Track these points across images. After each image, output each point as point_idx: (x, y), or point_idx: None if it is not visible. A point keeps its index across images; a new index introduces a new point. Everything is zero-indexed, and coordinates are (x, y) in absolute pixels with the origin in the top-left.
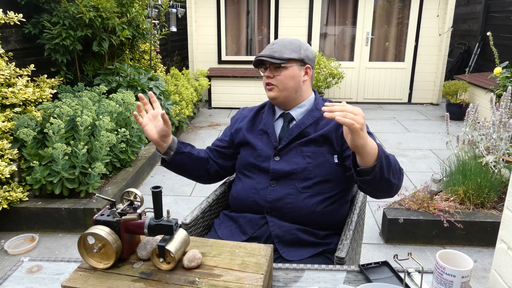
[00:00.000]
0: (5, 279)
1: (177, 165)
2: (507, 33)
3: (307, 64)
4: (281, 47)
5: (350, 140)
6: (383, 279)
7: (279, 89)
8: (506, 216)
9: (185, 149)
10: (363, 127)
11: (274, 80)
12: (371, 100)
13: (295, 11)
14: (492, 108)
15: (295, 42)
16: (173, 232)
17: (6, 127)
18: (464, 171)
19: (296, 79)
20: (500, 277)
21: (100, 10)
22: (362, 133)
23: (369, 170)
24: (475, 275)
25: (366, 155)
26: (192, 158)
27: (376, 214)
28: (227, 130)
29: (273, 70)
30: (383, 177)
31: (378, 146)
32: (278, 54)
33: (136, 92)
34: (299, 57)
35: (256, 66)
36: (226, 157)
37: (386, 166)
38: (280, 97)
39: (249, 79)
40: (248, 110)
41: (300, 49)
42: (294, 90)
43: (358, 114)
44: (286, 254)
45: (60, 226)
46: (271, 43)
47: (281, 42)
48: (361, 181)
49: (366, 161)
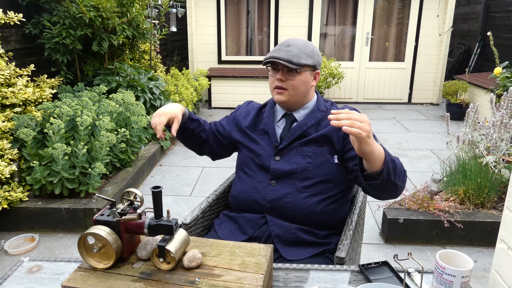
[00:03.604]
0: (5, 279)
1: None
2: (507, 33)
3: (317, 70)
4: (298, 50)
5: (357, 148)
6: (383, 279)
7: (289, 93)
8: (506, 216)
9: (191, 126)
10: (369, 134)
11: (286, 84)
12: (371, 100)
13: (295, 11)
14: (492, 108)
15: (309, 46)
16: (173, 232)
17: (6, 127)
18: (464, 171)
19: (307, 84)
20: (500, 277)
21: (101, 10)
22: (369, 140)
23: (376, 174)
24: (475, 275)
25: (374, 161)
26: (193, 136)
27: (376, 214)
28: (230, 120)
29: (286, 74)
30: (390, 180)
31: (384, 150)
32: (296, 59)
33: (136, 92)
34: (313, 63)
35: (266, 64)
36: (219, 144)
37: (393, 169)
38: (289, 102)
39: (249, 79)
40: (253, 106)
41: (314, 54)
42: (303, 94)
43: (364, 121)
44: (286, 253)
45: (60, 226)
46: (286, 44)
47: (296, 45)
48: (368, 185)
49: (373, 166)
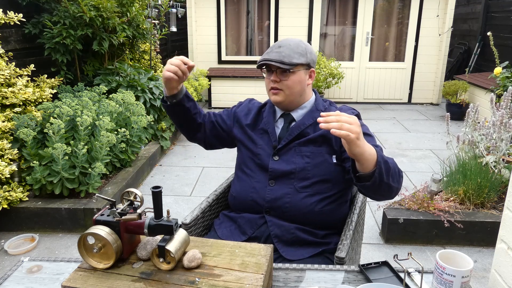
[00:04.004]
0: (5, 279)
1: (173, 112)
2: (507, 33)
3: (312, 68)
4: (289, 51)
5: (348, 149)
6: (383, 279)
7: (285, 93)
8: (506, 216)
9: (187, 104)
10: (359, 136)
11: (281, 85)
12: (371, 100)
13: (295, 11)
14: (492, 108)
15: (301, 45)
16: (173, 232)
17: (6, 127)
18: (464, 171)
19: (302, 83)
20: (500, 277)
21: (101, 9)
22: (358, 142)
23: (368, 175)
24: (475, 275)
25: (365, 162)
26: (186, 115)
27: (376, 214)
28: (231, 114)
29: (280, 75)
30: (382, 181)
31: (377, 151)
32: (287, 59)
33: (136, 92)
34: (306, 62)
35: (260, 67)
36: (217, 135)
37: (386, 170)
38: (286, 102)
39: (249, 79)
40: (254, 105)
41: (306, 53)
42: (299, 94)
43: (353, 123)
44: (286, 253)
45: (60, 226)
46: (277, 45)
47: (287, 45)
48: (361, 186)
49: (365, 167)
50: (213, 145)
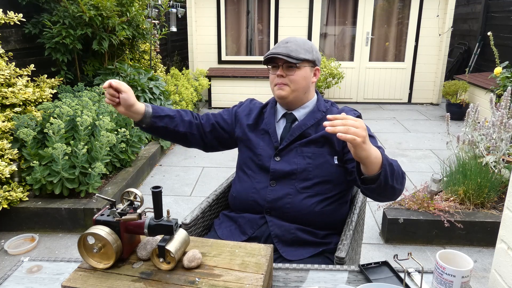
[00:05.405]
0: (5, 279)
1: (153, 132)
2: (507, 33)
3: (317, 66)
4: (296, 46)
5: (353, 153)
6: (383, 279)
7: (290, 88)
8: (506, 216)
9: (160, 123)
10: (365, 139)
11: (287, 80)
12: (371, 100)
13: (295, 11)
14: (492, 108)
15: (307, 42)
16: (173, 232)
17: (6, 127)
18: (464, 171)
19: (307, 80)
20: (500, 277)
21: (100, 9)
22: (364, 146)
23: (373, 178)
24: (475, 275)
25: (370, 165)
26: (167, 131)
27: (376, 214)
28: (232, 115)
29: (286, 70)
30: (387, 184)
31: (382, 154)
32: (294, 53)
33: (136, 92)
34: (312, 58)
35: (267, 63)
36: (218, 137)
37: (390, 173)
38: (290, 97)
39: (249, 79)
40: (255, 105)
41: (312, 50)
42: (304, 90)
43: (360, 127)
44: (286, 253)
45: (60, 226)
46: (284, 41)
47: (294, 41)
48: (366, 188)
49: (370, 170)
50: (213, 147)
